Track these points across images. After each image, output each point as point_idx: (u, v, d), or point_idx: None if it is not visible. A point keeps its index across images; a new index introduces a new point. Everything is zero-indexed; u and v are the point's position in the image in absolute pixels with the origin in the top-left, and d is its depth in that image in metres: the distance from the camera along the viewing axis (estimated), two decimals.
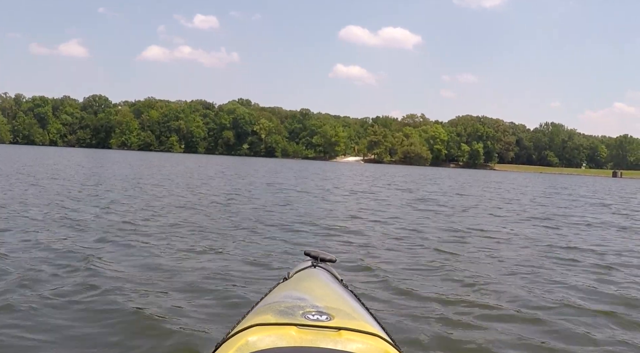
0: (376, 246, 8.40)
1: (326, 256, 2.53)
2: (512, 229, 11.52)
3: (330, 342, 1.45)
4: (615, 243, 10.19)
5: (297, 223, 10.42)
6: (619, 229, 12.65)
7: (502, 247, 9.03)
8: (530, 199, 22.51)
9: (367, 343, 1.47)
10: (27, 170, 23.46)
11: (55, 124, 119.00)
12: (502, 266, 7.39)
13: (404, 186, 28.72)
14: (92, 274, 5.52)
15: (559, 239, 10.26)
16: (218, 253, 7.00)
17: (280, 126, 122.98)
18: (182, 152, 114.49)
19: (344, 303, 1.85)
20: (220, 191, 17.39)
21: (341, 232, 9.62)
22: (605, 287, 6.29)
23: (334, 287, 2.11)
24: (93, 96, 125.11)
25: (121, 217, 9.83)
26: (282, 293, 1.95)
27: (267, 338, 1.45)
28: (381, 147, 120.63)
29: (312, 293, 1.90)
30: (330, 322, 1.55)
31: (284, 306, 1.68)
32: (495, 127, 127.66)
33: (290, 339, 1.45)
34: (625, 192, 38.04)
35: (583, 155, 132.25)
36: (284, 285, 2.16)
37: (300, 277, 2.25)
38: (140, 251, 6.82)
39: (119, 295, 4.86)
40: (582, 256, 8.36)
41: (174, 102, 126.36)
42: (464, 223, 12.11)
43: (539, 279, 6.58)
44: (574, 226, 12.63)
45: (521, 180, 52.94)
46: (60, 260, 6.11)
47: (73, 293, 4.84)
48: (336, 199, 17.00)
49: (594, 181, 67.55)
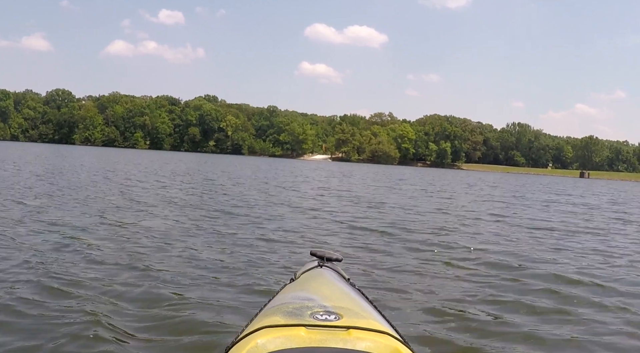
0: (377, 244, 8.64)
1: (332, 256, 2.54)
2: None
3: (339, 342, 1.44)
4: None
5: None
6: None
7: (521, 248, 9.21)
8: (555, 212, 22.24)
9: (376, 341, 1.47)
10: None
11: (17, 118, 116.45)
12: (516, 262, 7.62)
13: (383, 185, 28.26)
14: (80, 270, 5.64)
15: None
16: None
17: (247, 123, 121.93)
18: (147, 148, 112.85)
19: (352, 302, 1.86)
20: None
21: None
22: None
23: (341, 286, 2.12)
24: (56, 90, 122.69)
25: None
26: (289, 294, 1.96)
27: (276, 340, 1.44)
28: (349, 145, 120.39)
29: (320, 293, 1.90)
30: (339, 321, 1.54)
31: (292, 307, 1.67)
32: (462, 126, 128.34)
33: (300, 340, 1.44)
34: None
35: (549, 155, 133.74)
36: (291, 286, 2.18)
37: (307, 278, 2.25)
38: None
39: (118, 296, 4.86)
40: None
41: (139, 97, 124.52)
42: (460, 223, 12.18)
43: (555, 279, 6.68)
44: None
45: (510, 182, 52.89)
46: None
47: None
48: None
49: (572, 182, 68.38)
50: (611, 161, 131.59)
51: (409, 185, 31.38)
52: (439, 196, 22.54)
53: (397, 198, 20.12)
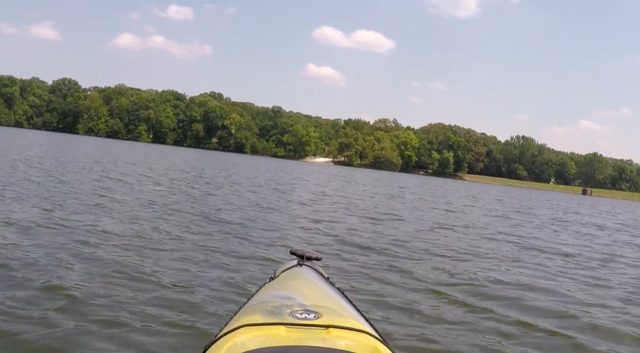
0: (360, 243, 8.73)
1: (312, 255, 2.53)
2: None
3: (319, 340, 1.45)
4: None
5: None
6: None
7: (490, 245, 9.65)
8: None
9: (355, 340, 1.47)
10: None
11: (22, 105, 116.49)
12: (487, 263, 7.89)
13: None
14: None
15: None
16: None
17: (251, 122, 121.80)
18: (149, 142, 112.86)
19: (331, 301, 1.87)
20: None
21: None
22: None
23: (320, 285, 2.13)
24: (62, 79, 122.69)
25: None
26: (269, 293, 1.97)
27: (255, 338, 1.45)
28: (352, 150, 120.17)
29: (299, 292, 1.90)
30: (318, 320, 1.55)
31: (272, 306, 1.67)
32: (466, 137, 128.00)
33: (279, 339, 1.45)
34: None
35: (552, 170, 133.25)
36: (271, 285, 2.17)
37: (286, 276, 2.25)
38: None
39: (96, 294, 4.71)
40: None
41: (144, 91, 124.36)
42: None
43: (529, 278, 6.95)
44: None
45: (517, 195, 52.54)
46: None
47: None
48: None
49: (576, 199, 67.78)
50: (614, 179, 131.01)
51: (409, 193, 31.08)
52: (445, 209, 21.70)
53: (401, 208, 19.08)
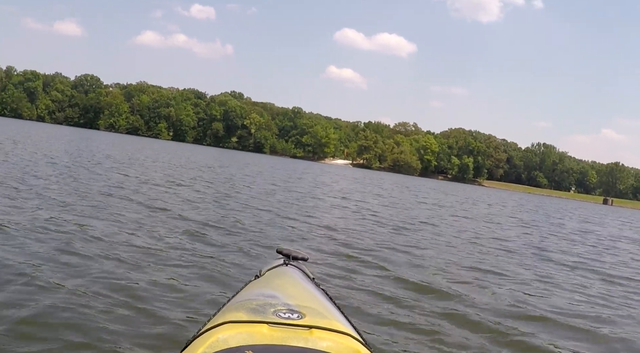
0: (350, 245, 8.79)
1: (298, 254, 2.50)
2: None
3: (301, 340, 1.45)
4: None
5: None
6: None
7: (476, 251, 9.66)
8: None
9: (337, 341, 1.47)
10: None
11: (45, 100, 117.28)
12: (470, 267, 7.95)
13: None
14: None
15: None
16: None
17: (270, 122, 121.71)
18: (169, 139, 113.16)
19: (316, 302, 1.86)
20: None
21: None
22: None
23: (305, 285, 2.11)
24: (85, 75, 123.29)
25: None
26: (253, 291, 1.95)
27: (238, 335, 1.45)
28: (371, 152, 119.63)
29: (284, 291, 1.90)
30: (302, 320, 1.55)
31: (256, 304, 1.67)
32: (487, 143, 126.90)
33: (262, 337, 1.45)
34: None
35: (572, 179, 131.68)
36: (256, 283, 2.15)
37: (271, 275, 2.23)
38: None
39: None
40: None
41: (165, 88, 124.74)
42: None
43: (506, 282, 7.04)
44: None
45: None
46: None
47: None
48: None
49: (597, 209, 66.50)
50: (636, 189, 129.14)
51: (428, 198, 30.30)
52: (475, 219, 20.54)
53: (420, 215, 18.11)
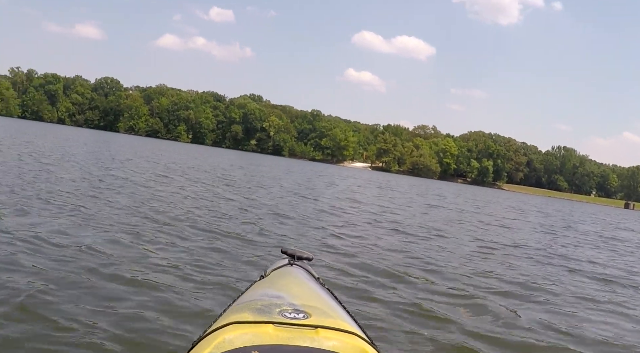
0: (356, 245, 8.62)
1: (303, 254, 2.50)
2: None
3: (307, 340, 1.45)
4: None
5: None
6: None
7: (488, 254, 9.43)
8: None
9: (343, 341, 1.48)
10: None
11: (65, 102, 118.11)
12: (477, 267, 7.88)
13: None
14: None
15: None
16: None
17: (289, 125, 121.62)
18: (189, 142, 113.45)
19: (321, 302, 1.86)
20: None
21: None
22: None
23: (310, 285, 2.11)
24: (105, 78, 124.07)
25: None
26: (259, 292, 1.95)
27: (244, 336, 1.45)
28: (390, 155, 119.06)
29: (289, 291, 1.90)
30: (307, 320, 1.55)
31: (261, 304, 1.67)
32: (506, 146, 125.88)
33: (267, 337, 1.45)
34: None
35: (593, 183, 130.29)
36: (261, 283, 2.14)
37: (277, 275, 2.23)
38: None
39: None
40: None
41: (185, 91, 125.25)
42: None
43: (514, 281, 7.04)
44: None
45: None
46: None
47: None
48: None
49: (620, 213, 64.78)
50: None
51: (449, 203, 29.11)
52: (493, 224, 19.06)
53: (438, 221, 16.48)
